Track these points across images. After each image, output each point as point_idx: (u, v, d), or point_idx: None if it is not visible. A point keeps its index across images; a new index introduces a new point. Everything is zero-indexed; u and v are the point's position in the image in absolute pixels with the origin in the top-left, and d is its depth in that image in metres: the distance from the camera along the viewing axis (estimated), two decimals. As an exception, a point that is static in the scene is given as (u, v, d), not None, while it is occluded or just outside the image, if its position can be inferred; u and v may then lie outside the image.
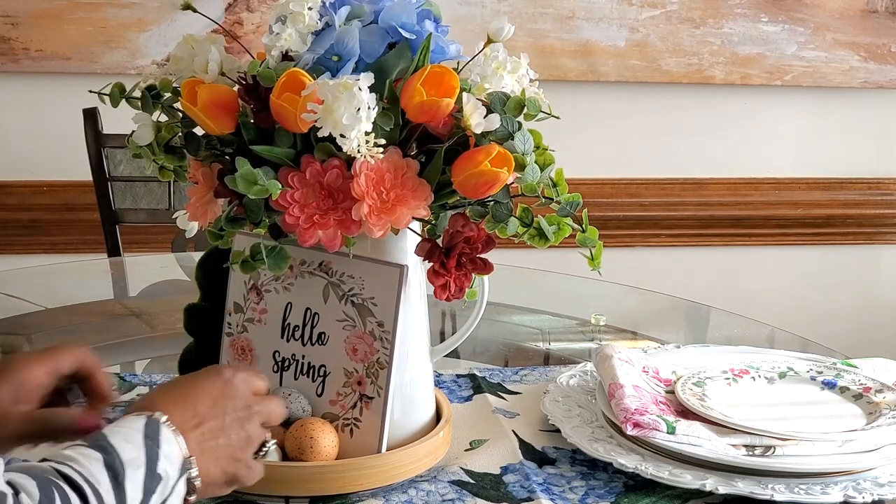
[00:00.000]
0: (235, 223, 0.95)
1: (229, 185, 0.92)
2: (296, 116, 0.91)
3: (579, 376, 1.21)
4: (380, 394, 0.98)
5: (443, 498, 0.98)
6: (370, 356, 0.99)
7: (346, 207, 0.92)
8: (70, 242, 2.27)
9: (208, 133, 0.97)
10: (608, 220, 2.45)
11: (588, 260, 1.02)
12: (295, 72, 0.92)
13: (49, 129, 2.22)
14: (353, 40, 0.95)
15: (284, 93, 0.91)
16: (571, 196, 0.99)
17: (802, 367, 1.19)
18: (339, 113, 0.88)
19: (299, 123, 0.91)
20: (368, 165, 0.91)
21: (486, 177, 0.93)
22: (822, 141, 2.53)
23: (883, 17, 2.45)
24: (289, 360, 1.03)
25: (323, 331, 1.01)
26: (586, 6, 2.32)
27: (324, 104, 0.89)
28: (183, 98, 0.95)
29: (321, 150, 0.93)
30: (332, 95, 0.88)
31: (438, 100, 0.93)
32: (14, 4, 2.14)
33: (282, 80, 0.91)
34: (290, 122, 0.92)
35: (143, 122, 1.00)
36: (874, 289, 2.66)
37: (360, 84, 0.89)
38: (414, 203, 0.93)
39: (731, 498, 0.97)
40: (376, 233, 0.92)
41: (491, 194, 0.95)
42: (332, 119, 0.88)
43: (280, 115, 0.92)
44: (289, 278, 1.02)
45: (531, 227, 1.00)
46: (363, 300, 0.99)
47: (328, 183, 0.93)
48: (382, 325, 0.98)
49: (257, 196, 0.91)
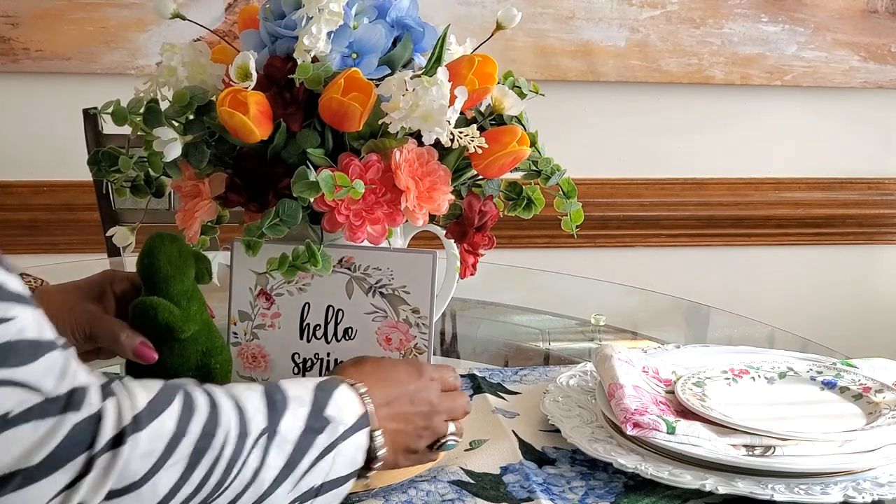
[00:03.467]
0: (274, 229, 0.95)
1: (297, 191, 0.92)
2: (361, 114, 0.93)
3: (579, 376, 1.21)
4: None
5: (443, 498, 0.98)
6: (406, 343, 1.02)
7: (387, 201, 0.96)
8: (70, 242, 2.27)
9: (245, 142, 0.96)
10: (608, 220, 2.45)
11: (564, 221, 1.09)
12: (355, 71, 0.95)
13: (49, 129, 2.22)
14: (377, 37, 0.97)
15: (350, 92, 0.94)
16: (554, 166, 1.08)
17: (802, 367, 1.19)
18: (429, 107, 0.92)
19: (360, 121, 0.94)
20: (405, 157, 0.95)
21: (515, 156, 1.00)
22: (822, 141, 2.53)
23: (883, 17, 2.45)
24: (311, 360, 1.04)
25: (349, 326, 1.02)
26: (586, 6, 2.32)
27: (412, 99, 0.92)
28: (226, 107, 0.94)
29: (369, 147, 0.96)
30: (422, 90, 0.92)
31: (488, 87, 0.99)
32: (14, 4, 2.13)
33: (343, 81, 0.93)
34: (353, 121, 0.94)
35: (168, 137, 0.96)
36: (874, 289, 2.66)
37: (442, 78, 0.93)
38: (444, 188, 0.98)
39: (731, 498, 0.97)
40: (420, 221, 0.97)
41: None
42: (422, 113, 0.92)
43: (340, 114, 0.94)
44: (304, 279, 1.02)
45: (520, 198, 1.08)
46: (394, 290, 1.01)
47: (371, 178, 0.95)
48: (418, 311, 1.01)
49: (340, 198, 0.93)
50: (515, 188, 1.08)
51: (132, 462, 0.71)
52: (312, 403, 0.83)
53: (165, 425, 0.73)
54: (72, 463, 0.69)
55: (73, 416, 0.69)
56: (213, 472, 0.75)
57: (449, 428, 0.95)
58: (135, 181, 1.05)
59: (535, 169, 1.07)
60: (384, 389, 0.90)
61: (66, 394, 0.70)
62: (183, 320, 0.96)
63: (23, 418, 0.67)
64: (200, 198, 1.01)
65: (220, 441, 0.76)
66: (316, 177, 0.92)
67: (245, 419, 0.78)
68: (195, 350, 0.98)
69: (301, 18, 0.96)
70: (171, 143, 0.96)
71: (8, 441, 0.67)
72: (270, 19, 1.00)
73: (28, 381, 0.68)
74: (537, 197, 1.08)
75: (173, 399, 0.75)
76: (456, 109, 0.94)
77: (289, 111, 0.96)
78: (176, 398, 0.76)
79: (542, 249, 2.35)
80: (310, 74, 0.95)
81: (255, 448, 0.78)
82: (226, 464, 0.76)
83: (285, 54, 0.98)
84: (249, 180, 0.97)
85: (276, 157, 0.97)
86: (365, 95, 0.94)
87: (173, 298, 0.97)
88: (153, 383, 0.76)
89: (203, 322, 0.99)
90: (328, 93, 0.94)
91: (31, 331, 0.69)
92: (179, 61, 1.00)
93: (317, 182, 0.92)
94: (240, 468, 0.77)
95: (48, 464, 0.68)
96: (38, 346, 0.69)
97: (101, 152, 1.04)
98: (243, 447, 0.77)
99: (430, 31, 1.02)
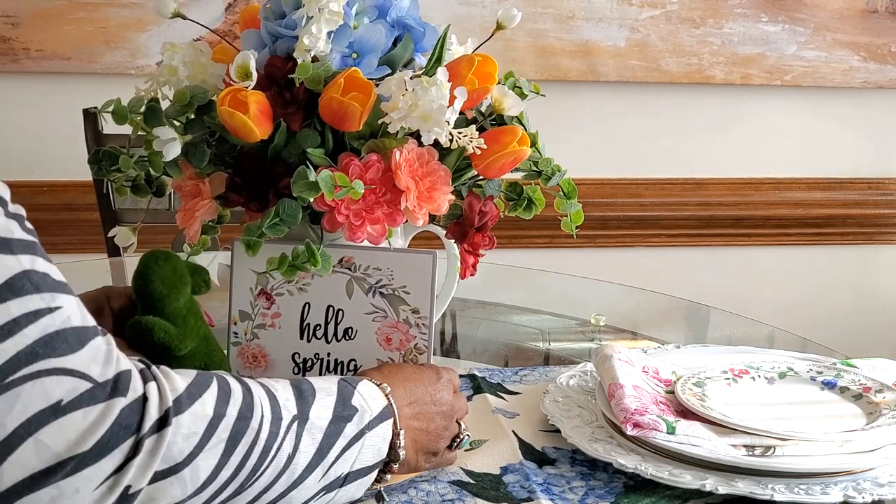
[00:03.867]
0: (274, 229, 0.95)
1: (296, 191, 0.92)
2: (361, 114, 0.93)
3: (579, 376, 1.21)
4: None
5: (443, 498, 0.98)
6: (406, 343, 1.02)
7: (387, 201, 0.96)
8: (70, 242, 2.27)
9: (245, 142, 0.96)
10: (608, 220, 2.45)
11: (563, 222, 1.09)
12: (355, 71, 0.95)
13: (49, 129, 2.22)
14: (377, 37, 0.97)
15: (350, 92, 0.93)
16: (555, 166, 1.07)
17: (802, 367, 1.19)
18: (428, 107, 0.92)
19: (360, 121, 0.93)
20: (405, 157, 0.95)
21: (515, 156, 1.00)
22: (822, 141, 2.53)
23: (883, 17, 2.45)
24: (311, 359, 1.04)
25: (349, 326, 1.02)
26: (586, 6, 2.32)
27: (411, 99, 0.92)
28: (226, 107, 0.94)
29: (369, 147, 0.96)
30: (421, 90, 0.92)
31: (488, 87, 0.98)
32: (14, 4, 2.14)
33: (342, 81, 0.93)
34: (352, 121, 0.94)
35: (168, 136, 0.96)
36: (874, 289, 2.66)
37: (441, 78, 0.93)
38: (445, 188, 0.98)
39: (731, 498, 0.97)
40: (420, 221, 0.97)
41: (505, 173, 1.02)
42: (421, 113, 0.92)
43: (340, 114, 0.94)
44: (304, 279, 1.02)
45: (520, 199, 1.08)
46: (394, 290, 1.01)
47: (371, 178, 0.95)
48: (418, 311, 1.01)
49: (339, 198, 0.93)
50: (516, 188, 1.08)
51: (175, 444, 0.72)
52: (338, 393, 0.85)
53: (205, 408, 0.75)
54: (120, 447, 0.70)
55: (120, 401, 0.71)
56: (250, 456, 0.77)
57: (462, 426, 0.99)
58: (135, 180, 1.06)
59: (536, 169, 1.07)
60: (406, 389, 0.92)
61: (113, 378, 0.71)
62: (179, 339, 0.96)
63: (75, 405, 0.69)
64: (201, 197, 1.01)
65: (255, 424, 0.77)
66: (315, 177, 0.92)
67: (278, 405, 0.80)
68: (193, 366, 0.97)
69: (301, 18, 0.96)
70: (170, 143, 0.96)
71: (62, 428, 0.68)
72: (271, 19, 1.00)
73: (78, 368, 0.69)
74: (538, 197, 1.08)
75: (210, 383, 0.77)
76: (455, 110, 0.94)
77: (289, 111, 0.96)
78: (213, 382, 0.77)
79: (542, 249, 2.35)
80: (310, 74, 0.95)
81: (288, 432, 0.79)
82: (262, 447, 0.77)
83: (286, 54, 0.98)
84: (250, 180, 0.97)
85: (277, 156, 0.97)
86: (365, 95, 0.94)
87: (169, 317, 0.97)
88: (188, 371, 0.78)
89: (201, 337, 0.99)
90: (328, 92, 0.94)
91: (76, 318, 0.71)
92: (180, 61, 1.00)
93: (316, 182, 0.92)
94: (275, 452, 0.78)
95: (98, 449, 0.69)
96: (83, 332, 0.71)
97: (102, 151, 1.04)
98: (278, 431, 0.79)
99: (431, 31, 1.02)
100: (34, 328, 0.68)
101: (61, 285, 0.71)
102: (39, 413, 0.67)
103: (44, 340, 0.68)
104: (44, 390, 0.67)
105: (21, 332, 0.67)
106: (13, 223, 0.69)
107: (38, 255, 0.70)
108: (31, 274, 0.69)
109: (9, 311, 0.67)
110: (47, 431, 0.68)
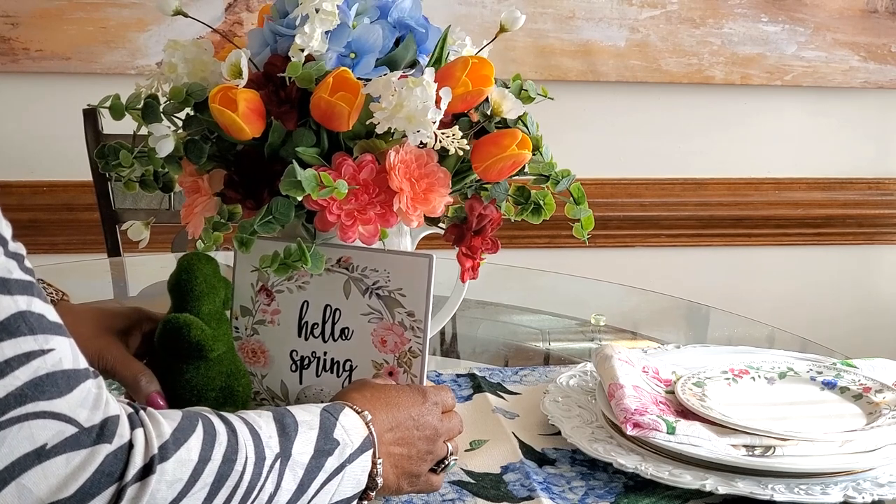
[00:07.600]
0: (267, 226, 0.95)
1: (284, 189, 0.91)
2: (349, 114, 0.93)
3: (579, 376, 1.21)
4: (414, 381, 1.00)
5: (443, 498, 0.98)
6: (401, 346, 1.00)
7: (381, 201, 0.95)
8: (70, 242, 2.27)
9: (237, 139, 0.96)
10: (608, 220, 2.45)
11: (575, 228, 1.08)
12: (344, 71, 0.94)
13: (49, 129, 2.22)
14: (374, 37, 0.97)
15: (338, 91, 0.93)
16: (563, 171, 1.06)
17: (802, 368, 1.19)
18: (413, 107, 0.91)
19: (349, 121, 0.93)
20: (401, 158, 0.94)
21: (515, 160, 0.99)
22: (822, 141, 2.53)
23: (883, 17, 2.45)
24: (308, 357, 1.03)
25: (346, 326, 1.02)
26: (586, 6, 2.32)
27: (396, 100, 0.91)
28: (217, 104, 0.94)
29: (361, 147, 0.95)
30: (406, 91, 0.91)
31: (482, 89, 0.97)
32: (14, 4, 2.14)
33: (331, 80, 0.93)
34: (340, 121, 0.94)
35: (162, 133, 0.97)
36: (874, 289, 2.66)
37: (428, 79, 0.92)
38: (442, 191, 0.97)
39: (731, 498, 0.97)
40: (413, 223, 0.96)
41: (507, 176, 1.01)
42: (406, 113, 0.91)
43: (328, 114, 0.93)
44: (303, 277, 1.02)
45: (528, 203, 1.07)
46: (390, 292, 1.00)
47: (364, 179, 0.94)
48: (413, 314, 1.00)
49: (323, 197, 0.92)
50: (524, 192, 1.07)
51: (159, 491, 0.72)
52: (321, 426, 0.84)
53: (191, 453, 0.74)
54: (102, 494, 0.69)
55: (105, 447, 0.70)
56: (233, 498, 0.76)
57: (448, 448, 0.95)
58: (143, 176, 1.05)
59: (545, 174, 1.06)
60: (388, 414, 0.90)
61: (99, 424, 0.70)
62: (213, 339, 0.96)
63: (59, 450, 0.68)
64: (200, 194, 1.01)
65: (240, 467, 0.77)
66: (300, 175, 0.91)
67: (261, 444, 0.79)
68: (220, 371, 0.98)
69: (298, 18, 0.96)
70: (163, 140, 0.96)
71: (44, 473, 0.67)
72: (275, 18, 1.00)
73: (64, 412, 0.68)
74: (548, 202, 1.06)
75: (196, 426, 0.76)
76: (440, 111, 0.93)
77: (282, 110, 0.95)
78: (199, 425, 0.76)
79: (542, 249, 2.35)
80: (300, 73, 0.94)
81: (271, 472, 0.79)
82: (245, 489, 0.77)
83: (286, 53, 0.98)
84: (247, 178, 0.97)
85: (275, 155, 0.96)
86: (353, 95, 0.93)
87: (204, 317, 0.97)
88: (174, 413, 0.77)
89: (229, 344, 1.00)
90: (318, 92, 0.94)
91: (68, 361, 0.70)
92: (181, 57, 1.00)
93: (292, 181, 0.91)
94: (257, 493, 0.78)
95: (80, 496, 0.68)
96: (73, 376, 0.70)
97: (108, 146, 1.04)
98: (261, 472, 0.78)
99: (434, 32, 1.01)
100: (25, 370, 0.67)
101: (56, 326, 0.70)
102: (24, 457, 0.67)
103: (34, 382, 0.67)
104: (30, 433, 0.67)
105: (12, 373, 0.66)
106: (12, 262, 0.68)
107: (35, 296, 0.69)
108: (28, 315, 0.68)
109: (2, 352, 0.66)
110: (30, 476, 0.67)
